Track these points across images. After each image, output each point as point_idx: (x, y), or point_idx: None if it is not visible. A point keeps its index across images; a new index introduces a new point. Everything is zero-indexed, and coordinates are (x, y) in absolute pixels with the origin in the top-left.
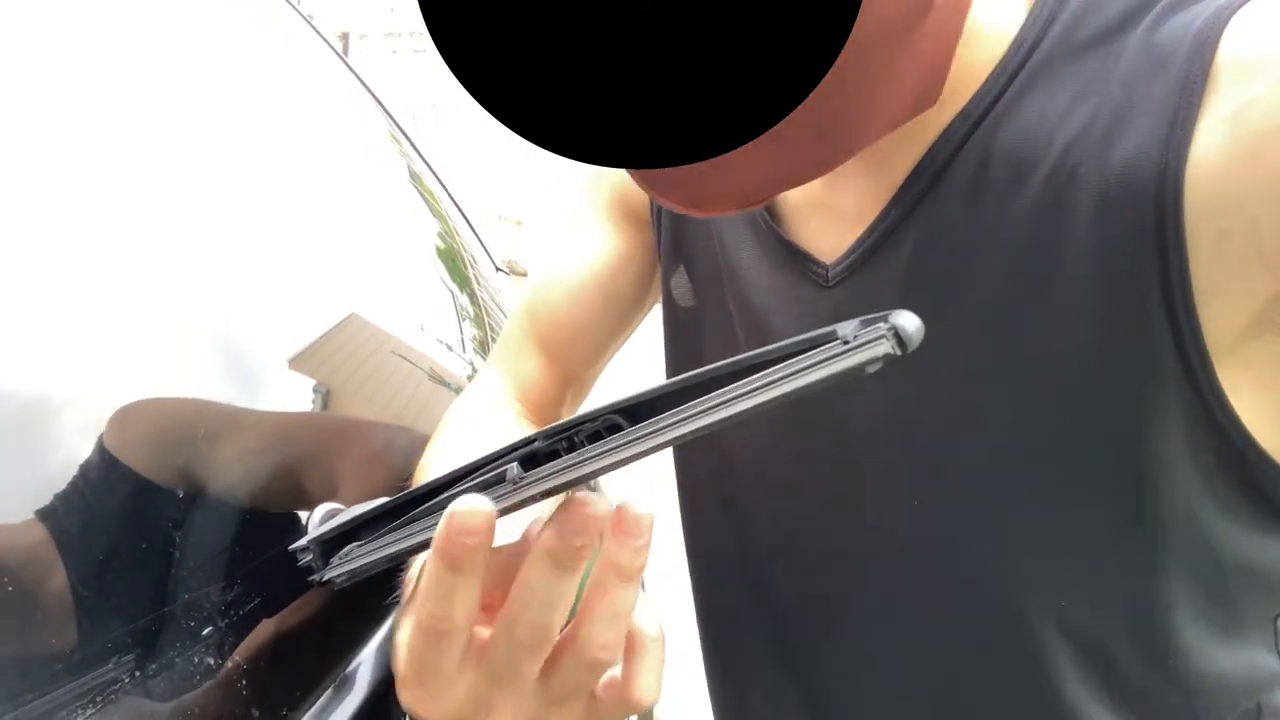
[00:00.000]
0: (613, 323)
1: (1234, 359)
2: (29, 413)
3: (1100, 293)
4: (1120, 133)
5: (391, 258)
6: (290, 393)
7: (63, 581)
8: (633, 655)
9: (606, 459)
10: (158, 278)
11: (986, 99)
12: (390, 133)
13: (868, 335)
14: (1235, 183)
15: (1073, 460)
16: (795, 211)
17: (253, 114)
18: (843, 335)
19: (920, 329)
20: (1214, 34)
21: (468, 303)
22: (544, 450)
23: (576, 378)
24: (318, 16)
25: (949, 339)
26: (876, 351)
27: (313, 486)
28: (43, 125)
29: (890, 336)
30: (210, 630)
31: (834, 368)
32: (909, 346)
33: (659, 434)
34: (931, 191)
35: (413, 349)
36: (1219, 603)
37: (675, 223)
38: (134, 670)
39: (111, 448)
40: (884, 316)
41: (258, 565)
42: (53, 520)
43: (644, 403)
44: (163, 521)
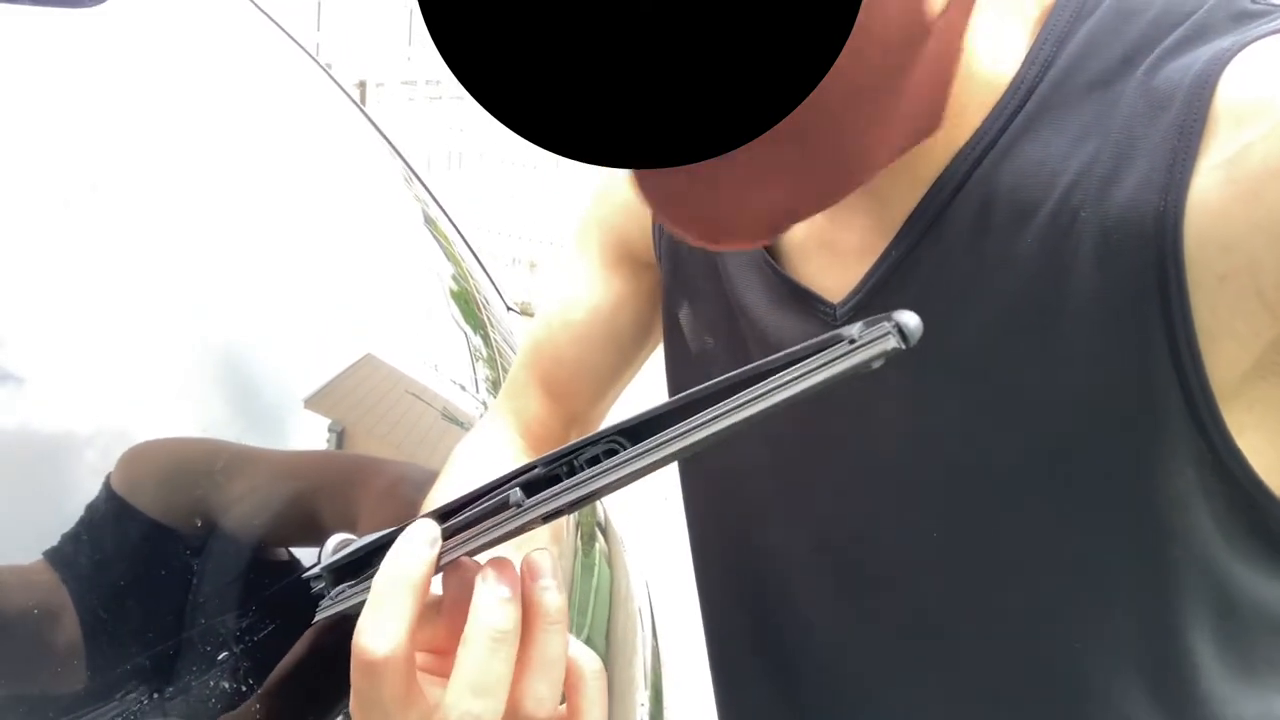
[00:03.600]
0: (615, 362)
1: (1240, 401)
2: (43, 453)
3: (1103, 334)
4: (1120, 175)
5: (407, 299)
6: (306, 431)
7: (73, 619)
8: (575, 691)
9: (607, 477)
10: (176, 318)
11: (985, 139)
12: (406, 178)
13: (874, 333)
14: (1235, 225)
15: (1079, 502)
16: (798, 250)
17: (273, 160)
18: (849, 335)
19: (920, 325)
20: (1213, 77)
21: (481, 344)
22: (545, 476)
23: (580, 417)
24: (336, 65)
25: (953, 380)
26: (885, 346)
27: (325, 520)
28: (54, 167)
29: (895, 332)
30: (225, 656)
31: (844, 365)
32: (911, 341)
33: (660, 449)
34: (934, 230)
35: (426, 389)
36: (1235, 648)
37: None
38: (150, 695)
39: (119, 489)
40: (887, 316)
41: (272, 594)
42: (61, 560)
43: (645, 422)
44: (175, 555)
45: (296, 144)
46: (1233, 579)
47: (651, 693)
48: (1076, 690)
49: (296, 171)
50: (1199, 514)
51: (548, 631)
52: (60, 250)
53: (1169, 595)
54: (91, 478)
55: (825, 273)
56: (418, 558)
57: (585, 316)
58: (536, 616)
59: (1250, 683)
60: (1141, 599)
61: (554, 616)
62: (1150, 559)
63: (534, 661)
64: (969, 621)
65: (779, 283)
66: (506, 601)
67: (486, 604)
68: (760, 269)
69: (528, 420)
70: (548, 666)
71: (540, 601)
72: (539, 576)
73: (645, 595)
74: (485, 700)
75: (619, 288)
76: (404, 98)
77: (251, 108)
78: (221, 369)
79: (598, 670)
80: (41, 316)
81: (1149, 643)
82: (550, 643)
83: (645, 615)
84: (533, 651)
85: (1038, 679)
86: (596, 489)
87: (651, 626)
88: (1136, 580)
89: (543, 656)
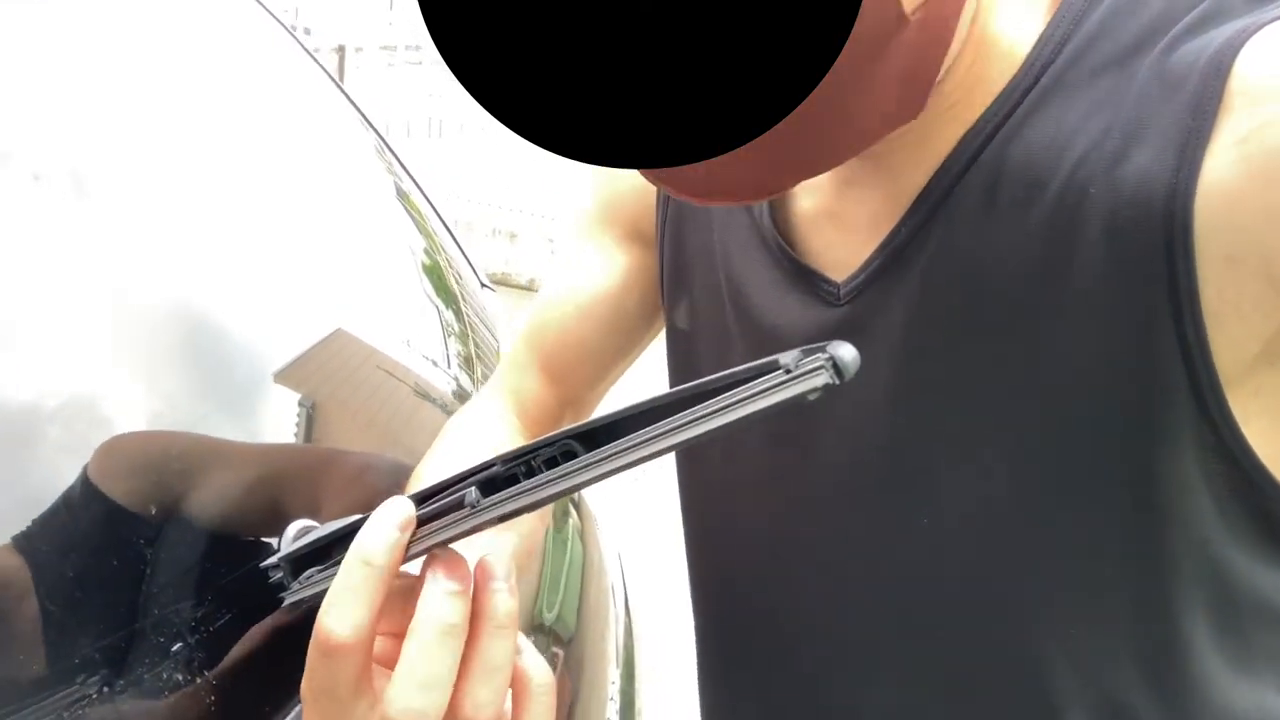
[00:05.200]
0: (619, 342)
1: (1246, 387)
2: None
3: (1110, 314)
4: (1131, 153)
5: (378, 273)
6: (275, 406)
7: (34, 604)
8: (519, 704)
9: (561, 484)
10: (144, 291)
11: (998, 115)
12: (378, 150)
13: (808, 365)
14: (1246, 206)
15: (1084, 481)
16: (806, 223)
17: (240, 130)
18: (785, 364)
19: (856, 359)
20: (1228, 57)
21: (453, 319)
22: (503, 475)
23: (578, 399)
24: (315, 30)
25: (958, 359)
26: (815, 382)
27: (290, 511)
28: (18, 139)
29: (829, 366)
30: (180, 646)
31: (774, 398)
32: (845, 376)
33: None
34: (943, 207)
35: (398, 364)
36: (1232, 636)
37: (677, 247)
38: (103, 686)
39: (94, 478)
40: (822, 347)
41: (229, 583)
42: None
43: (601, 428)
44: (137, 544)
45: (266, 114)
46: (1231, 566)
47: (624, 669)
48: (1072, 677)
49: (266, 143)
50: (1199, 498)
51: (493, 635)
52: (25, 224)
53: (1166, 581)
54: (57, 456)
55: (833, 248)
56: (385, 541)
57: (591, 298)
58: (483, 618)
59: (1247, 675)
60: (1139, 584)
61: (501, 620)
62: (1148, 543)
63: (477, 664)
64: (963, 608)
65: (785, 262)
66: (453, 595)
67: (433, 597)
68: (764, 247)
69: (525, 400)
70: (491, 671)
71: (488, 604)
72: (490, 579)
73: (618, 571)
74: (428, 695)
75: (627, 266)
76: (384, 63)
77: (220, 76)
78: (190, 343)
79: (547, 684)
80: (3, 290)
81: (1145, 628)
82: (495, 647)
83: (618, 591)
84: (477, 653)
85: (1033, 667)
86: (548, 495)
87: (625, 603)
88: (1134, 566)
89: (486, 660)
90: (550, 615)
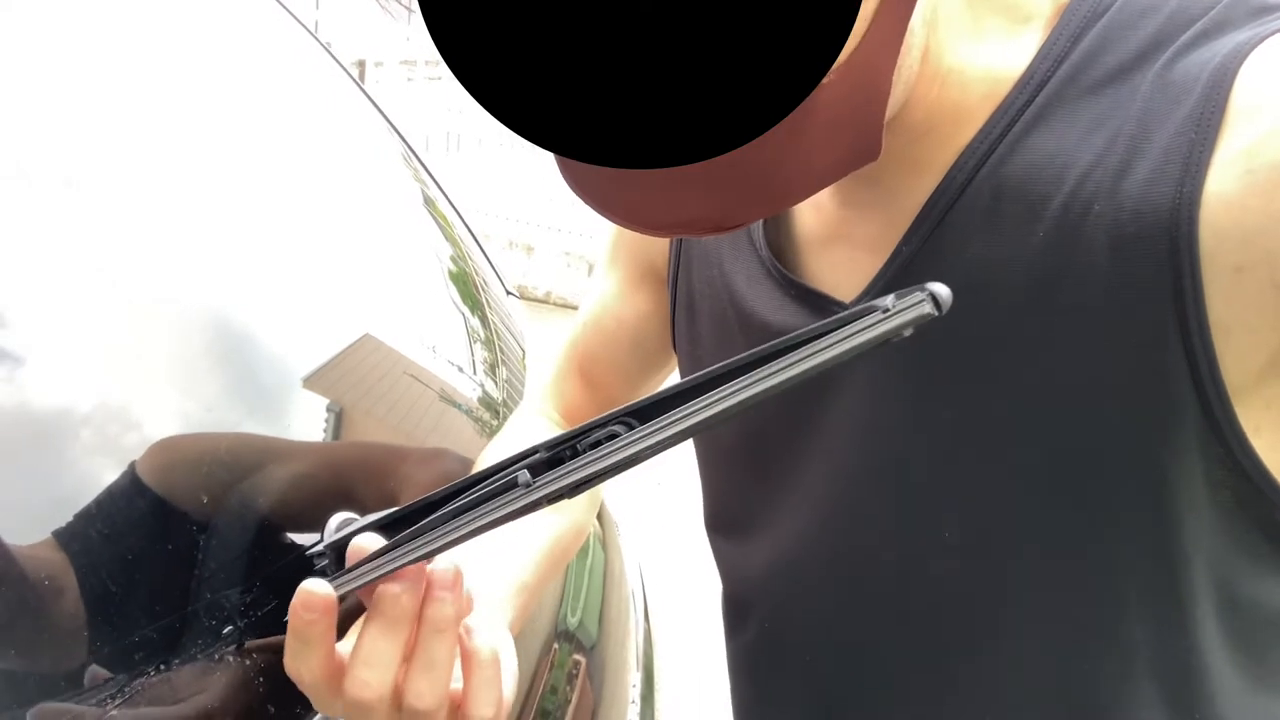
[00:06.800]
0: (644, 364)
1: (1255, 398)
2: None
3: (1116, 328)
4: (1134, 167)
5: (405, 280)
6: (304, 411)
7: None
8: (468, 675)
9: (610, 458)
10: (175, 297)
11: (992, 134)
12: (405, 158)
13: (908, 300)
14: (1251, 217)
15: (1090, 495)
16: (809, 245)
17: (273, 138)
18: (882, 305)
19: (951, 295)
20: (1231, 69)
21: (479, 325)
22: (548, 459)
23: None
24: (335, 44)
25: (966, 375)
26: (921, 311)
27: (334, 505)
28: (54, 146)
29: (929, 300)
30: (230, 629)
31: (879, 330)
32: (944, 308)
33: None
34: (944, 224)
35: (424, 369)
36: (1244, 647)
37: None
38: (160, 664)
39: (144, 475)
40: (920, 286)
41: (276, 570)
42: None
43: (651, 405)
44: (188, 535)
45: (296, 122)
46: (1239, 575)
47: (643, 674)
48: (1091, 698)
49: (296, 150)
50: (1209, 509)
51: (432, 636)
52: (60, 230)
53: (1179, 594)
54: (88, 458)
55: (837, 269)
56: (313, 610)
57: (615, 324)
58: (424, 621)
59: (1258, 682)
60: (1152, 600)
61: (439, 625)
62: (1159, 555)
63: (418, 660)
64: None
65: (789, 286)
66: (395, 595)
67: (381, 595)
68: (769, 277)
69: (567, 402)
70: (429, 666)
71: (429, 611)
72: (434, 588)
73: (638, 578)
74: (371, 671)
75: (642, 304)
76: (403, 77)
77: (251, 86)
78: (220, 348)
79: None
80: (42, 297)
81: (1162, 643)
82: (433, 647)
83: (638, 598)
84: (418, 650)
85: (1051, 691)
86: (598, 470)
87: (644, 609)
88: (1146, 581)
89: (425, 657)
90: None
